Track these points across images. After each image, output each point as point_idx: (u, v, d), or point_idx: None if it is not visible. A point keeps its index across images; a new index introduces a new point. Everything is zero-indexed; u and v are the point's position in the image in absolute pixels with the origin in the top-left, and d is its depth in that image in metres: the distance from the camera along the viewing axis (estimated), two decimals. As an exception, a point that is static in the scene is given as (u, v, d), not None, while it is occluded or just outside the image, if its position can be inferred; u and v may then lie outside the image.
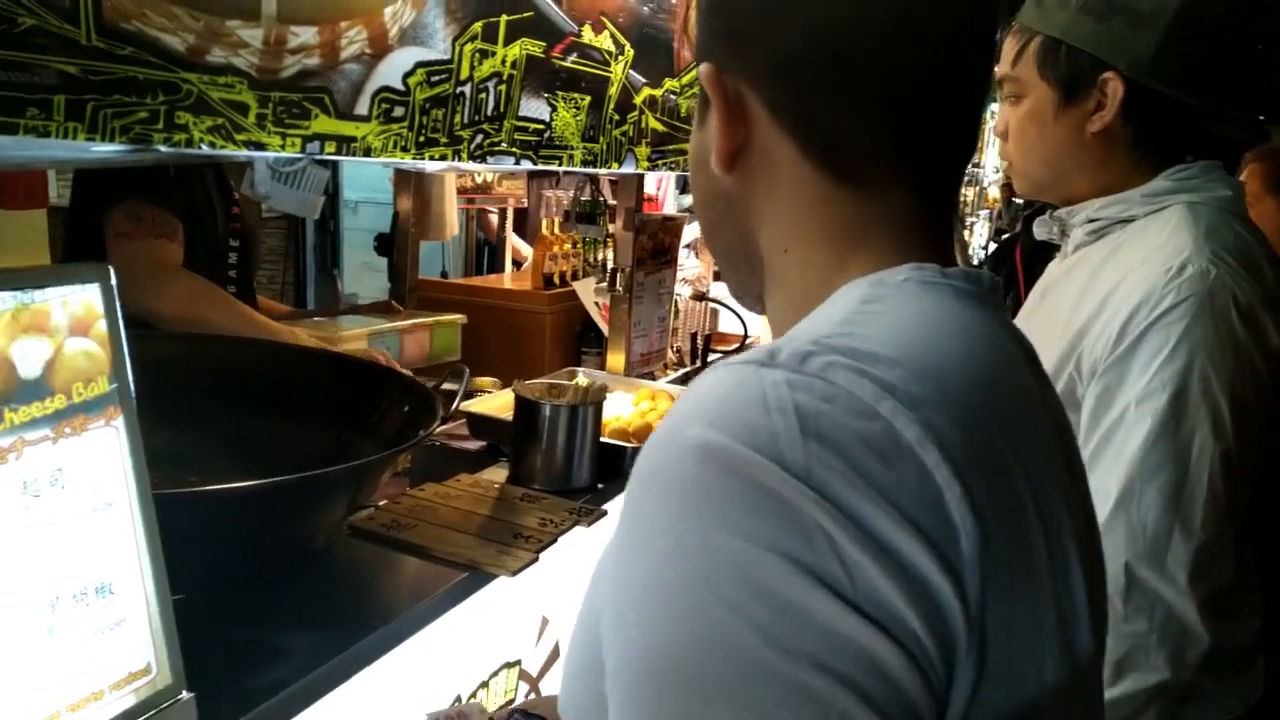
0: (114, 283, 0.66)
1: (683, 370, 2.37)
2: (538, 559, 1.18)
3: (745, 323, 2.52)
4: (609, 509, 1.37)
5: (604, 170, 1.49)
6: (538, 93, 1.24)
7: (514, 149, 1.21)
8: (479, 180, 2.83)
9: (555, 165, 1.33)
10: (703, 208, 0.62)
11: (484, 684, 1.26)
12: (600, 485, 1.46)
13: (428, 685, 1.13)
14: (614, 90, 1.42)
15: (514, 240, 3.29)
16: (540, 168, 1.31)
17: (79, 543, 0.65)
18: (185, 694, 0.71)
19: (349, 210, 5.62)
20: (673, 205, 3.93)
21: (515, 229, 3.46)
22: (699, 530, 0.42)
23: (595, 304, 2.36)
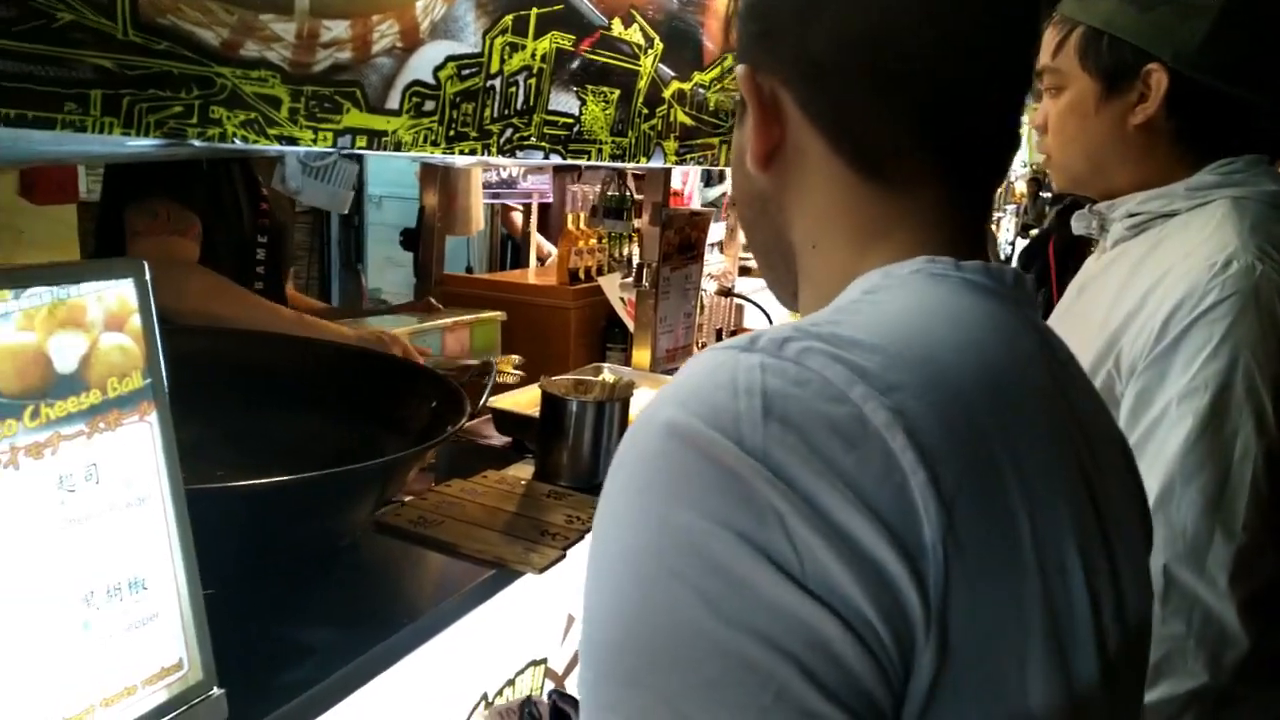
0: (148, 278, 0.66)
1: (698, 353, 2.35)
2: (565, 556, 1.18)
3: (770, 318, 2.50)
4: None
5: (632, 164, 1.49)
6: (567, 86, 1.23)
7: (543, 143, 1.20)
8: (504, 175, 2.83)
9: (584, 159, 1.32)
10: (742, 206, 0.63)
11: (510, 682, 1.25)
12: (627, 482, 1.45)
13: (453, 683, 1.12)
14: (643, 84, 1.41)
15: (539, 239, 3.28)
16: (569, 162, 1.30)
17: (113, 538, 0.65)
18: (216, 690, 0.71)
19: (373, 205, 5.64)
20: (698, 200, 3.92)
21: (539, 224, 3.45)
22: (658, 505, 0.43)
23: (621, 299, 2.35)
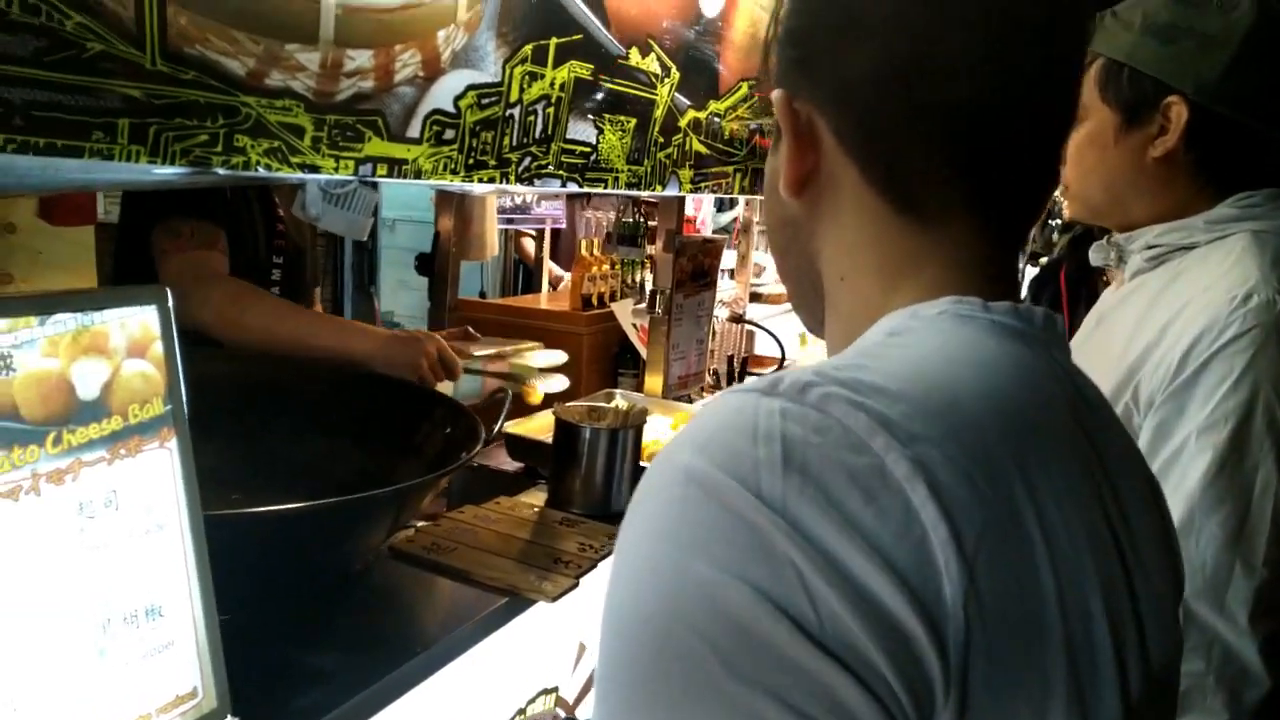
0: (170, 304, 0.67)
1: (719, 393, 2.35)
2: (578, 585, 1.17)
3: (782, 345, 2.50)
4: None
5: (647, 193, 1.49)
6: (585, 115, 1.24)
7: (560, 171, 1.21)
8: (518, 201, 2.84)
9: (600, 187, 1.33)
10: (773, 231, 0.63)
11: (521, 711, 1.24)
12: (639, 510, 1.44)
13: (465, 711, 1.11)
14: (659, 113, 1.42)
15: (549, 264, 3.30)
16: (585, 190, 1.31)
17: (131, 564, 0.65)
18: (230, 718, 0.71)
19: (386, 228, 5.68)
20: (710, 226, 3.93)
21: (551, 250, 3.47)
22: (674, 553, 0.42)
23: (633, 325, 2.36)
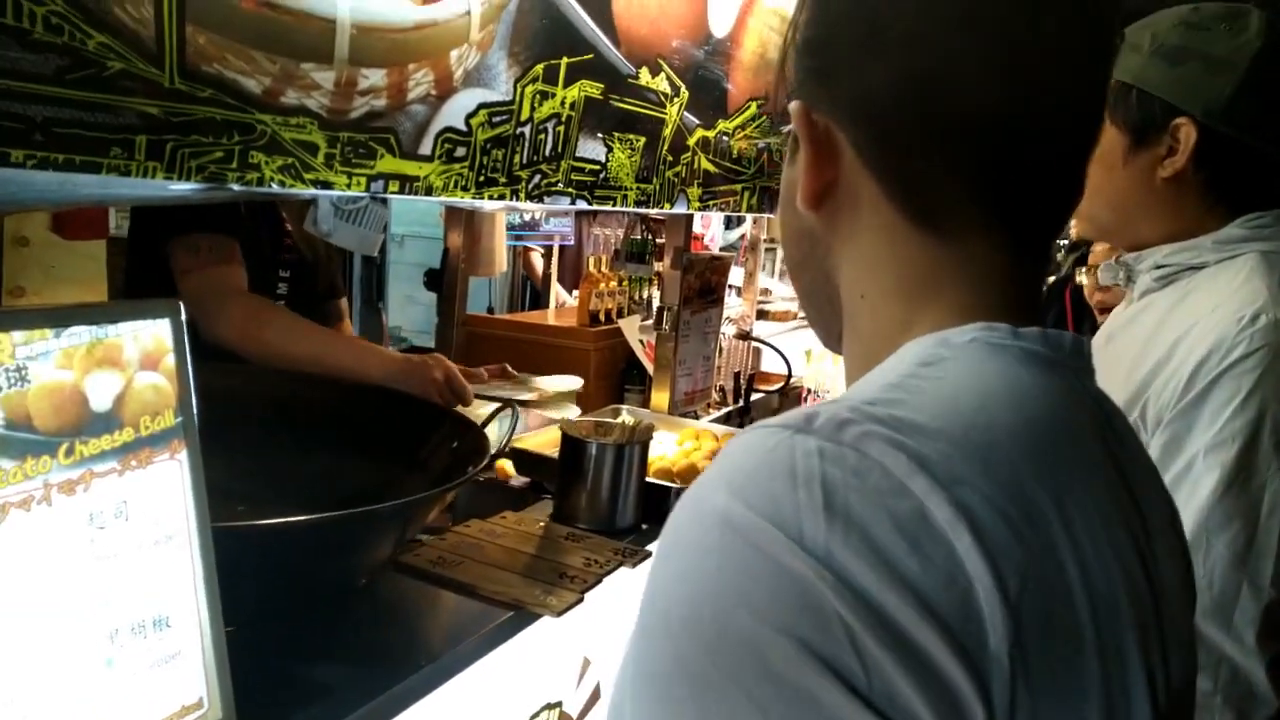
0: (184, 318, 0.67)
1: (725, 409, 2.35)
2: (583, 600, 1.17)
3: (789, 362, 2.50)
4: (653, 550, 1.36)
5: (656, 210, 1.50)
6: (594, 133, 1.25)
7: (570, 189, 1.22)
8: (526, 217, 2.86)
9: (609, 205, 1.34)
10: (788, 244, 0.61)
11: (525, 726, 1.24)
12: (645, 526, 1.45)
13: (470, 725, 1.11)
14: (668, 132, 1.43)
15: (556, 289, 3.30)
16: (595, 207, 1.32)
17: (140, 575, 0.65)
18: (236, 730, 0.71)
19: (395, 244, 5.71)
20: (718, 243, 3.94)
21: (559, 267, 3.48)
22: (714, 605, 0.41)
23: (640, 341, 2.37)
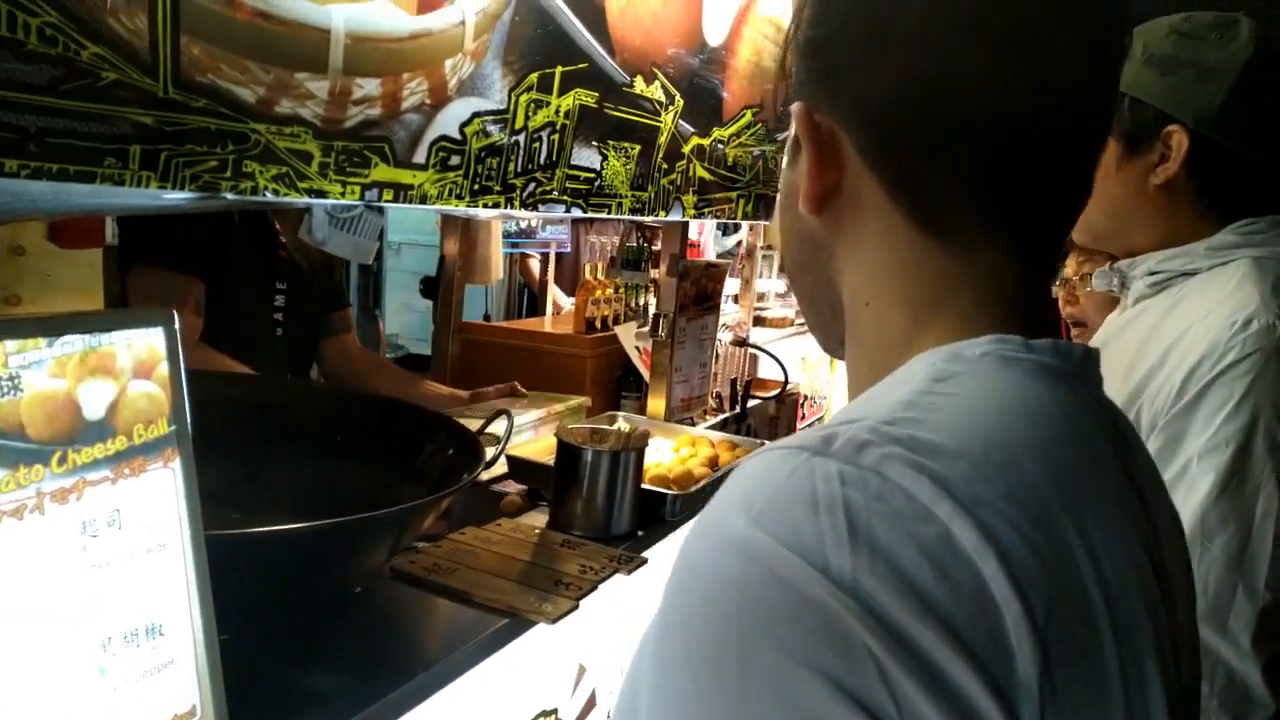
0: (177, 326, 0.67)
1: (722, 416, 2.36)
2: (578, 607, 1.17)
3: (785, 369, 2.50)
4: (649, 556, 1.36)
5: (651, 218, 1.51)
6: (589, 142, 1.26)
7: (565, 197, 1.22)
8: (523, 225, 2.87)
9: (604, 213, 1.34)
10: (788, 248, 0.60)
11: (520, 733, 1.24)
12: (640, 532, 1.45)
13: (465, 733, 1.11)
14: (663, 139, 1.43)
15: (555, 293, 3.31)
16: (590, 215, 1.33)
17: (133, 583, 0.65)
18: (229, 738, 0.71)
19: (391, 251, 5.73)
20: (713, 250, 3.95)
21: (556, 273, 3.49)
22: (739, 640, 0.39)
23: (636, 348, 2.37)
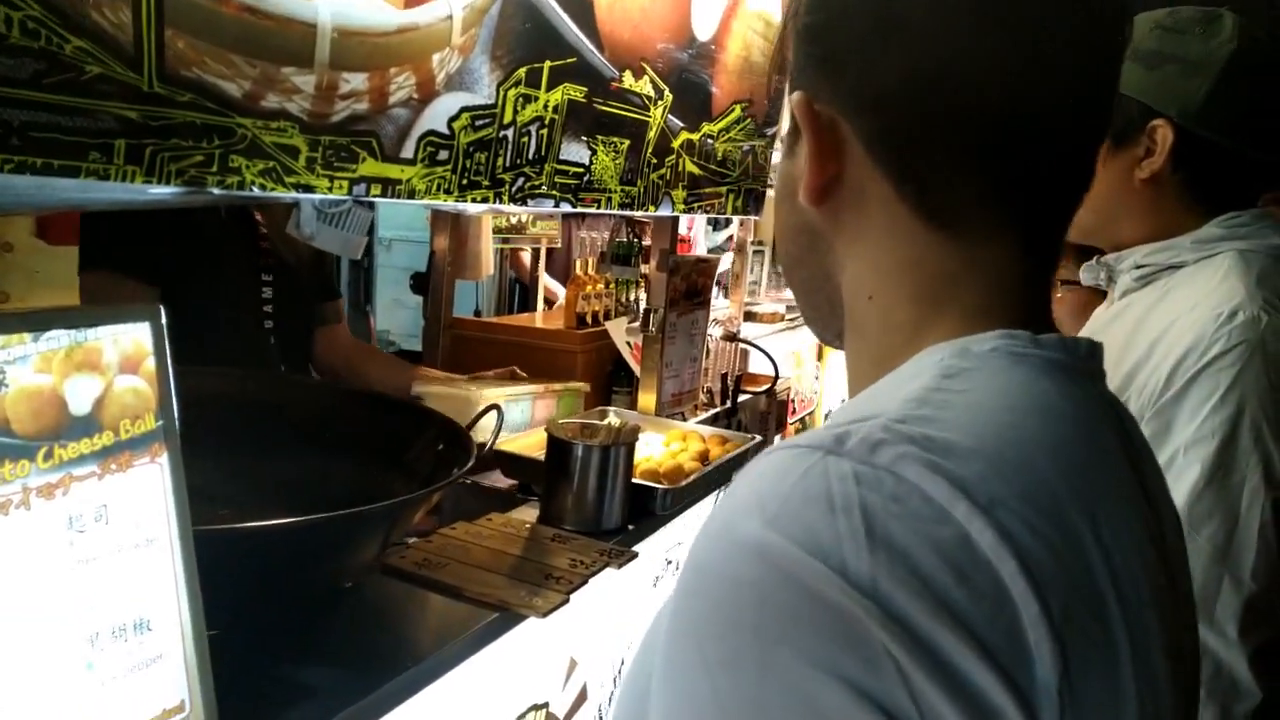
0: (164, 321, 0.67)
1: (713, 411, 2.36)
2: (568, 600, 1.17)
3: (776, 364, 2.50)
4: (639, 550, 1.36)
5: (640, 213, 1.51)
6: (578, 136, 1.25)
7: (554, 191, 1.22)
8: (513, 220, 2.86)
9: (594, 208, 1.34)
10: (784, 240, 0.59)
11: (511, 727, 1.24)
12: (631, 527, 1.45)
13: (455, 727, 1.11)
14: (652, 134, 1.43)
15: (546, 280, 3.31)
16: (579, 210, 1.33)
17: (120, 578, 0.65)
18: (218, 733, 0.71)
19: (382, 247, 5.71)
20: (703, 245, 3.95)
21: (547, 269, 3.49)
22: (754, 645, 0.39)
23: (627, 344, 2.37)
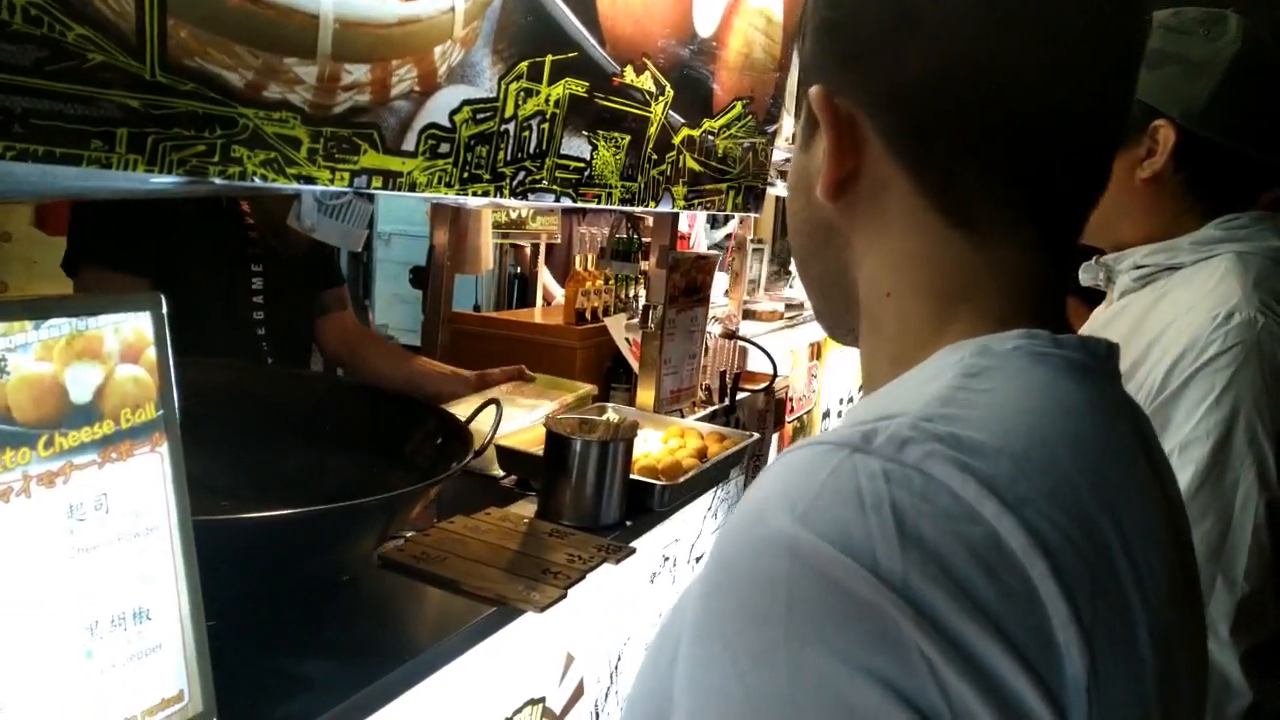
0: (165, 310, 0.67)
1: (711, 408, 2.36)
2: (566, 595, 1.17)
3: (775, 362, 2.51)
4: (637, 546, 1.36)
5: (641, 209, 1.51)
6: (579, 131, 1.26)
7: (555, 186, 1.22)
8: (513, 215, 2.87)
9: (594, 203, 1.34)
10: (798, 235, 0.59)
11: (508, 721, 1.24)
12: (629, 522, 1.45)
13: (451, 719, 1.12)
14: (653, 130, 1.44)
15: (545, 279, 3.31)
16: (580, 205, 1.33)
17: (120, 568, 0.65)
18: (216, 722, 0.71)
19: (381, 242, 5.71)
20: (703, 243, 3.95)
21: (547, 264, 3.49)
22: (784, 642, 0.38)
23: (626, 340, 2.37)
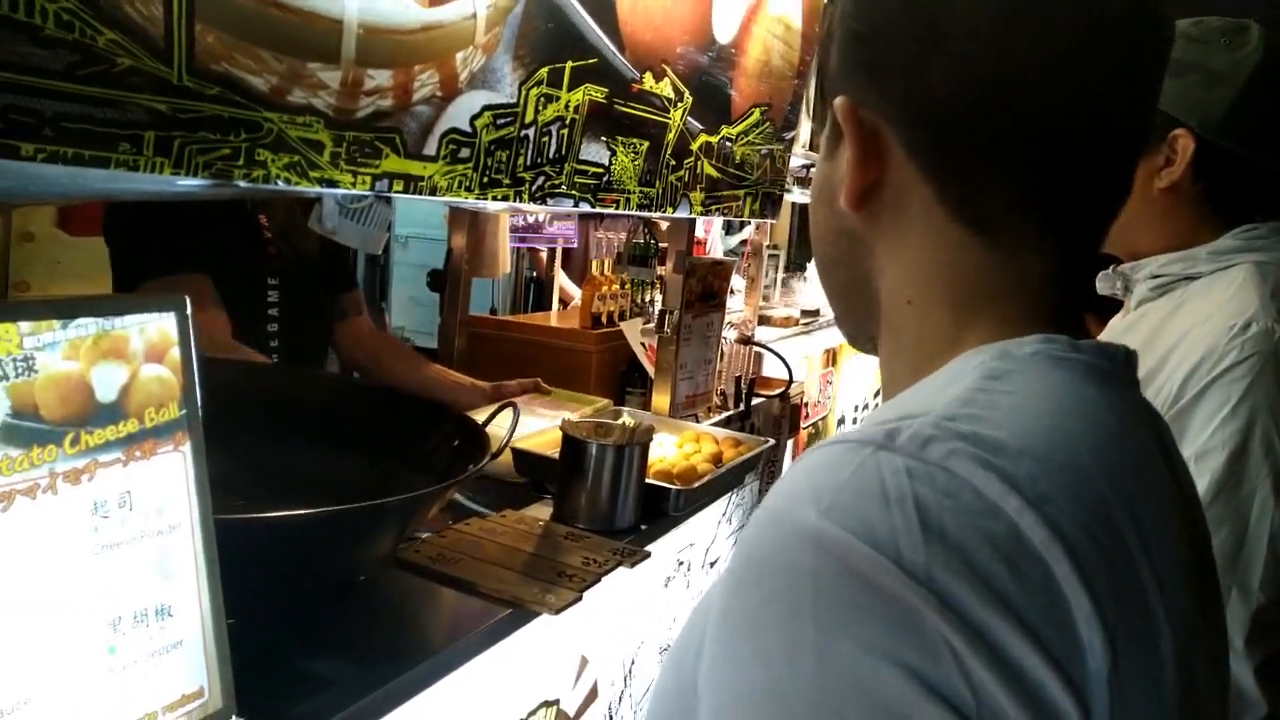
0: (189, 311, 0.68)
1: (726, 414, 2.36)
2: (581, 598, 1.18)
3: (790, 368, 2.50)
4: (652, 550, 1.37)
5: (658, 214, 1.51)
6: (598, 137, 1.26)
7: (574, 191, 1.23)
8: (530, 219, 2.88)
9: (613, 208, 1.35)
10: (821, 243, 0.59)
11: (521, 723, 1.25)
12: (644, 526, 1.46)
13: (466, 721, 1.12)
14: (671, 136, 1.44)
15: (562, 280, 3.32)
16: (598, 210, 1.33)
17: (142, 565, 0.66)
18: (236, 719, 0.72)
19: (399, 245, 5.73)
20: (719, 248, 3.95)
21: (564, 268, 3.50)
22: (812, 633, 0.39)
23: (641, 344, 2.38)
